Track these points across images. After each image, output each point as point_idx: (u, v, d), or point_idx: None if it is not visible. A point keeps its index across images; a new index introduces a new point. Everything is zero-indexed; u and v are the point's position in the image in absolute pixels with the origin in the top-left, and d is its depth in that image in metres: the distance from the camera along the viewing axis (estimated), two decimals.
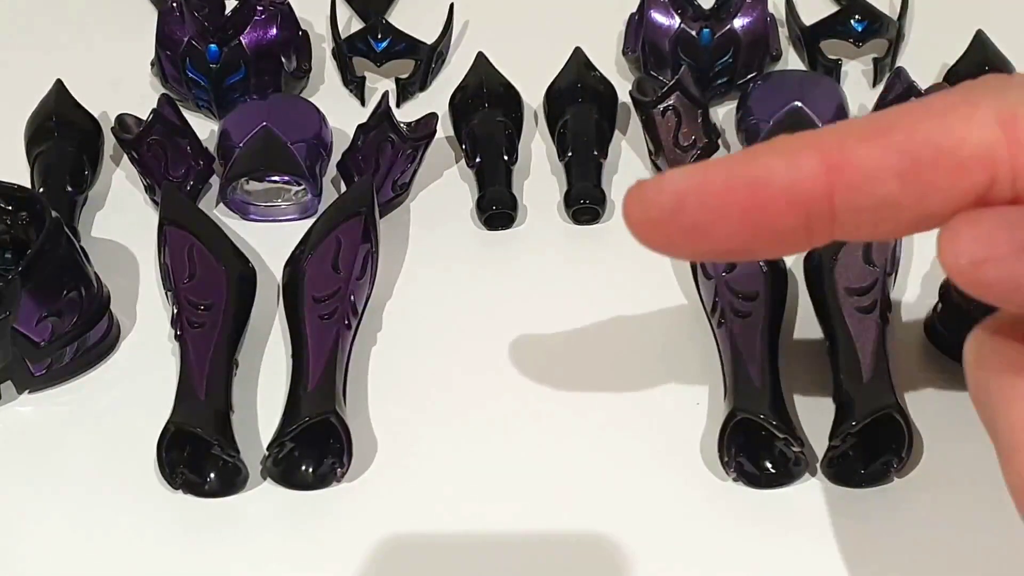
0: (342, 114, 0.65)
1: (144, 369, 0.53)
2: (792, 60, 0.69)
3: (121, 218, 0.61)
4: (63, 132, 0.61)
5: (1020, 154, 0.21)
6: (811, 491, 0.48)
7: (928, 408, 0.50)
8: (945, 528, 0.46)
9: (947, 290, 0.52)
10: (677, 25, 0.65)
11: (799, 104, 0.59)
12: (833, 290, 0.52)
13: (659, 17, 0.66)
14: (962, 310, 0.50)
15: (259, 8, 0.65)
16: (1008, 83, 0.22)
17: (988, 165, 0.21)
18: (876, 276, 0.52)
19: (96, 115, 0.63)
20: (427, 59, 0.68)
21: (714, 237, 0.21)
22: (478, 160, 0.61)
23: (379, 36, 0.69)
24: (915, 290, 0.56)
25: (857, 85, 0.67)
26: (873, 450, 0.48)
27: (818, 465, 0.48)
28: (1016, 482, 0.24)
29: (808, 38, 0.68)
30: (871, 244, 0.53)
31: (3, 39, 0.73)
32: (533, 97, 0.66)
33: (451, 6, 0.71)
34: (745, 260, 0.22)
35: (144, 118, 0.60)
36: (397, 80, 0.68)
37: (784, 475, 0.48)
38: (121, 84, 0.69)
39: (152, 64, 0.67)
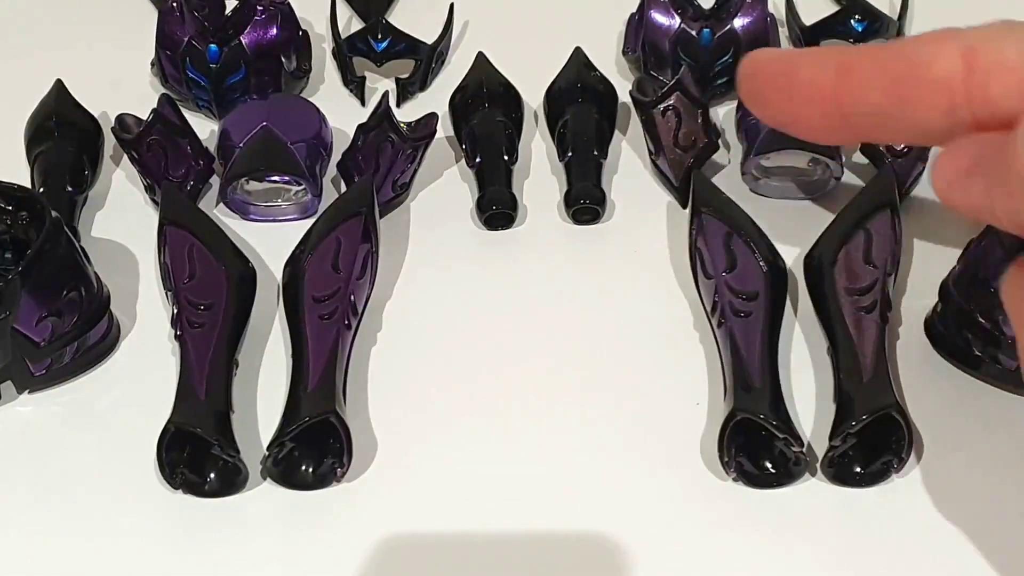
0: (342, 114, 0.65)
1: (144, 369, 0.53)
2: None
3: (121, 218, 0.61)
4: (63, 132, 0.61)
5: (974, 83, 0.25)
6: (811, 491, 0.48)
7: (928, 408, 0.50)
8: (945, 528, 0.46)
9: (947, 290, 0.52)
10: (677, 25, 0.65)
11: None
12: (833, 290, 0.52)
13: (659, 17, 0.66)
14: (962, 310, 0.50)
15: (259, 8, 0.65)
16: (984, 25, 0.26)
17: (947, 90, 0.25)
18: (876, 276, 0.52)
19: (96, 115, 0.63)
20: (427, 59, 0.68)
21: (766, 104, 0.28)
22: (478, 160, 0.61)
23: (379, 36, 0.69)
24: (915, 290, 0.56)
25: None
26: (873, 450, 0.48)
27: (818, 465, 0.48)
28: None
29: (808, 38, 0.68)
30: (871, 244, 0.53)
31: (3, 39, 0.73)
32: (533, 97, 0.66)
33: (451, 6, 0.71)
34: (792, 133, 0.29)
35: (144, 118, 0.61)
36: (397, 80, 0.68)
37: (784, 475, 0.48)
38: (121, 84, 0.69)
39: (152, 64, 0.67)
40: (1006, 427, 0.50)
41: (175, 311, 0.53)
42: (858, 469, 0.48)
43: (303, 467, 0.49)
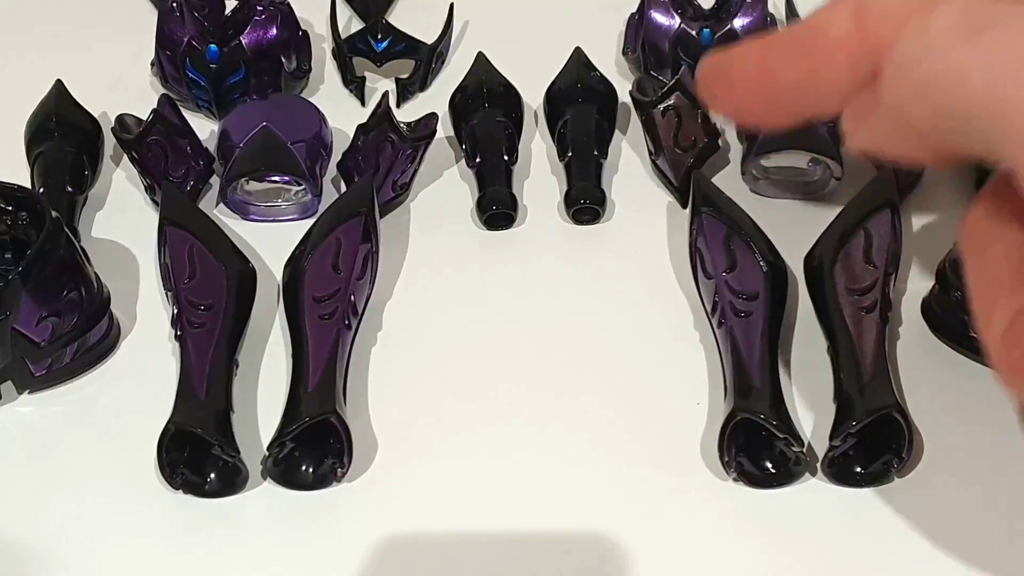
0: (342, 114, 0.65)
1: (144, 369, 0.53)
2: None
3: (121, 218, 0.61)
4: (63, 132, 0.61)
5: (866, 36, 0.27)
6: (811, 491, 0.48)
7: (928, 407, 0.50)
8: (945, 528, 0.46)
9: (944, 272, 0.52)
10: (677, 25, 0.65)
11: None
12: (833, 290, 0.52)
13: (659, 17, 0.66)
14: (959, 292, 0.51)
15: (259, 8, 0.65)
16: None
17: (846, 49, 0.27)
18: (876, 276, 0.52)
19: (96, 115, 0.63)
20: (427, 59, 0.68)
21: (715, 100, 0.30)
22: (478, 160, 0.61)
23: (379, 36, 0.69)
24: (915, 290, 0.56)
25: None
26: (873, 450, 0.48)
27: (818, 465, 0.48)
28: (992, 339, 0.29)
29: None
30: (871, 244, 0.53)
31: (3, 39, 0.73)
32: (533, 97, 0.66)
33: (451, 6, 0.71)
34: (742, 123, 0.30)
35: (144, 118, 0.61)
36: (397, 80, 0.68)
37: (784, 475, 0.48)
38: (121, 84, 0.69)
39: (152, 64, 0.67)
40: (1009, 426, 0.50)
41: (175, 311, 0.53)
42: (858, 469, 0.48)
43: (303, 467, 0.49)
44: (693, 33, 0.65)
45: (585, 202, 0.59)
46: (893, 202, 0.55)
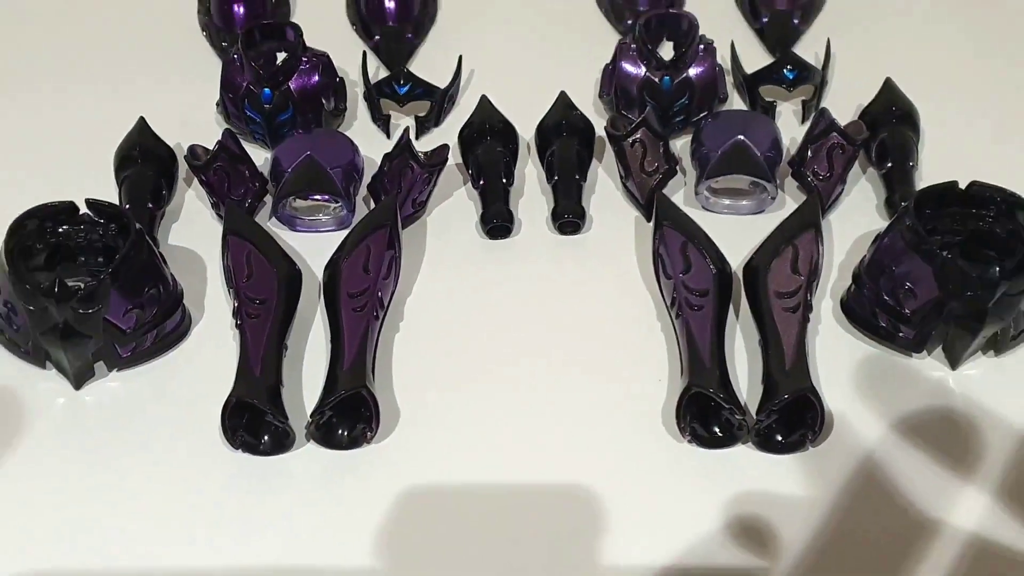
0: (371, 145, 0.65)
1: (210, 352, 0.53)
2: (736, 101, 0.69)
3: (192, 229, 0.61)
4: (145, 160, 0.61)
5: None
6: (749, 453, 0.48)
7: (839, 389, 0.51)
8: (848, 488, 0.47)
9: (859, 275, 0.53)
10: (643, 73, 0.65)
11: (742, 137, 0.59)
12: (765, 293, 0.52)
13: (628, 67, 0.66)
14: (872, 291, 0.51)
15: (304, 59, 0.65)
16: None
17: None
18: (800, 283, 0.52)
19: (172, 146, 0.63)
20: (440, 101, 0.68)
21: None
22: (482, 182, 0.61)
23: (401, 82, 0.69)
24: (836, 288, 0.56)
25: (789, 122, 0.67)
26: (792, 424, 0.48)
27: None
28: None
29: (749, 84, 0.68)
30: (798, 257, 0.53)
31: (99, 87, 0.73)
32: (526, 131, 0.66)
33: (459, 58, 0.71)
34: None
35: (211, 148, 0.60)
36: (416, 118, 0.68)
37: (729, 438, 0.48)
38: (192, 121, 0.69)
39: (217, 104, 0.67)
40: (904, 402, 0.50)
41: (235, 305, 0.53)
42: (780, 439, 0.48)
43: (339, 431, 0.49)
44: (656, 80, 0.65)
45: (569, 217, 0.59)
46: (817, 223, 0.55)
